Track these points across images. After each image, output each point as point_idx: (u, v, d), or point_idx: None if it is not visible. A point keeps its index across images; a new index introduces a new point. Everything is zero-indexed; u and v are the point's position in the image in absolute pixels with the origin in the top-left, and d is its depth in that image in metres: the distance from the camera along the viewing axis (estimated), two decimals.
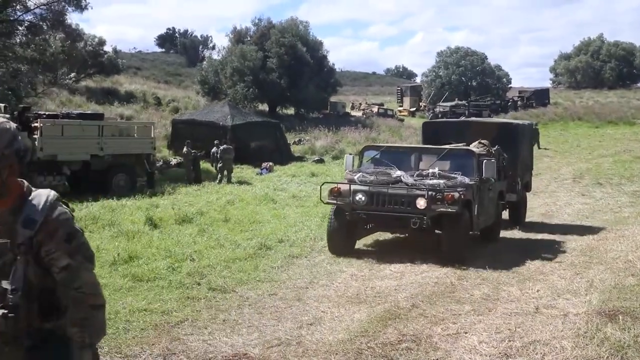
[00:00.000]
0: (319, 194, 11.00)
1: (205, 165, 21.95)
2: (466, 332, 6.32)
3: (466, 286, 8.24)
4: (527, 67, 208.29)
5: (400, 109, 54.54)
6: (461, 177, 9.81)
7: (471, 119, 28.74)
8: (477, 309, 7.16)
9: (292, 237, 11.20)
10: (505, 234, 12.38)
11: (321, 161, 26.77)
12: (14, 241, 2.28)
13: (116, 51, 42.11)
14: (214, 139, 21.62)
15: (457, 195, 9.35)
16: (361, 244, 10.95)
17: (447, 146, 11.05)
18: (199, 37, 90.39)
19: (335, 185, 10.25)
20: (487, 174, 10.24)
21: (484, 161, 10.27)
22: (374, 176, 10.01)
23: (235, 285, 8.07)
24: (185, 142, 20.84)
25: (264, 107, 41.85)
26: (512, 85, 67.42)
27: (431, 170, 10.01)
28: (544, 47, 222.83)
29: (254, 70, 38.37)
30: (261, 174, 22.84)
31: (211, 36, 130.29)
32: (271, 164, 24.05)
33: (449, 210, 9.32)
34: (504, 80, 64.94)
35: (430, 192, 9.39)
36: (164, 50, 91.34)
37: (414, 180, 9.78)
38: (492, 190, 11.01)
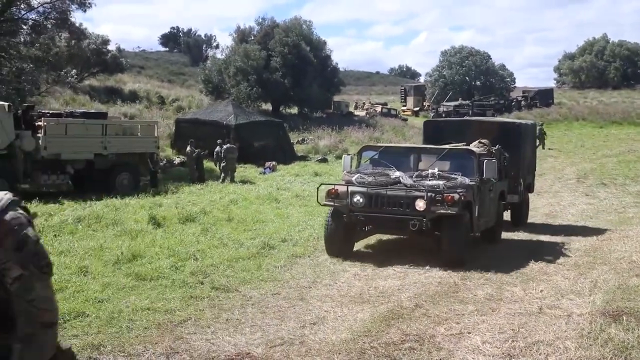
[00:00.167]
0: (316, 195, 10.84)
1: (208, 164, 21.96)
2: (469, 332, 6.31)
3: (469, 286, 8.23)
4: (531, 67, 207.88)
5: (403, 108, 54.47)
6: (461, 178, 9.64)
7: (473, 118, 28.64)
8: (481, 309, 7.15)
9: (295, 237, 11.20)
10: (508, 234, 12.35)
11: (324, 161, 26.76)
12: None
13: (120, 50, 42.17)
14: (217, 138, 21.58)
15: (457, 196, 9.19)
16: (364, 244, 10.94)
17: (447, 146, 10.87)
18: (202, 36, 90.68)
19: (332, 186, 10.06)
20: (488, 175, 10.06)
21: (485, 161, 10.09)
22: (372, 177, 9.84)
23: (238, 284, 8.08)
24: (188, 141, 20.86)
25: (268, 106, 41.83)
26: (516, 85, 67.33)
27: (431, 170, 9.85)
28: (548, 48, 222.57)
29: (258, 69, 38.35)
30: (264, 173, 22.84)
31: (215, 35, 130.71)
32: (274, 163, 24.06)
33: (449, 212, 9.16)
34: (508, 80, 64.84)
35: (429, 194, 9.23)
36: (167, 49, 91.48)
37: (413, 181, 9.62)
38: (493, 190, 10.85)
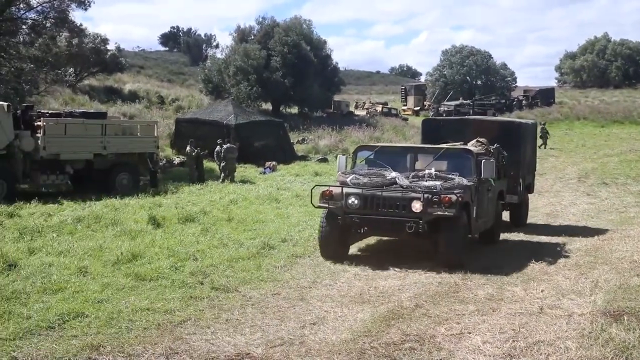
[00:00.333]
0: (310, 197, 10.62)
1: (208, 164, 21.94)
2: (470, 332, 6.30)
3: (470, 286, 8.21)
4: (532, 66, 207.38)
5: (404, 108, 54.49)
6: (459, 178, 9.43)
7: (472, 117, 28.57)
8: (481, 309, 7.13)
9: (295, 237, 11.17)
10: (509, 234, 12.33)
11: (325, 160, 26.72)
12: None
13: (119, 49, 42.13)
14: (217, 138, 21.53)
15: (454, 197, 8.98)
16: (364, 244, 10.92)
17: (444, 145, 10.69)
18: (202, 36, 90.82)
19: (327, 188, 9.81)
20: (486, 174, 9.88)
21: (483, 161, 9.90)
22: (367, 178, 9.61)
23: (238, 284, 8.06)
24: (188, 141, 20.84)
25: (268, 106, 41.81)
26: (517, 84, 67.26)
27: (427, 170, 9.64)
28: (549, 47, 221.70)
29: (258, 69, 38.32)
30: (264, 173, 22.82)
31: (215, 35, 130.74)
32: (274, 163, 24.03)
33: (446, 213, 8.96)
34: (509, 79, 64.78)
35: (426, 195, 9.02)
36: (167, 49, 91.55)
37: (410, 182, 9.43)
38: (492, 190, 10.67)
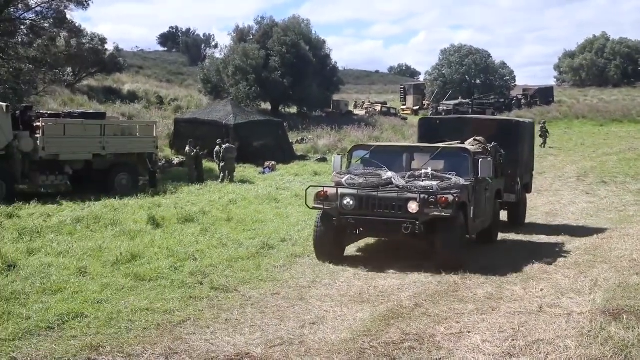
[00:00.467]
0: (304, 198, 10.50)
1: (208, 164, 21.94)
2: (469, 331, 6.30)
3: (469, 285, 8.21)
4: (531, 65, 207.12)
5: (403, 107, 54.46)
6: (456, 178, 9.28)
7: (469, 115, 28.57)
8: (481, 308, 7.13)
9: (294, 237, 11.18)
10: (508, 233, 12.33)
11: (324, 160, 26.71)
12: None
13: (118, 49, 42.09)
14: (216, 138, 21.53)
15: (451, 198, 8.82)
16: (363, 243, 10.92)
17: (441, 144, 10.57)
18: (201, 35, 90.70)
19: (321, 188, 9.63)
20: (483, 174, 9.69)
21: (480, 160, 9.73)
22: (362, 178, 9.44)
23: (237, 284, 8.06)
24: (187, 141, 20.84)
25: (267, 106, 41.82)
26: (516, 83, 67.24)
27: (424, 170, 9.49)
28: (548, 46, 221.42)
29: (257, 69, 38.32)
30: (264, 173, 22.82)
31: (213, 35, 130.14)
32: (274, 163, 24.03)
33: (443, 214, 8.79)
34: (508, 78, 64.78)
35: (422, 195, 8.87)
36: (166, 49, 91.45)
37: (406, 182, 9.27)
38: (489, 190, 10.55)
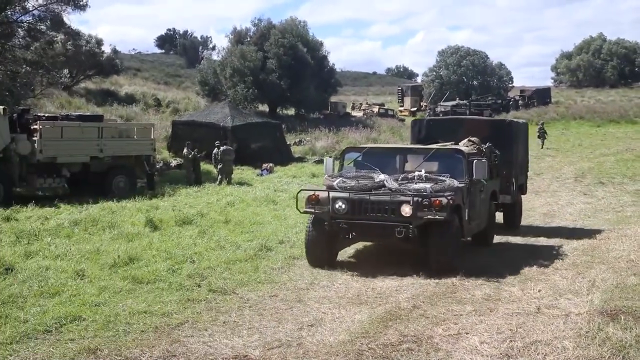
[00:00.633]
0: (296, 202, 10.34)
1: (205, 166, 21.92)
2: (467, 333, 6.30)
3: (467, 286, 8.22)
4: (529, 66, 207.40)
5: (401, 109, 54.45)
6: (450, 180, 9.10)
7: (463, 116, 28.71)
8: (479, 310, 7.14)
9: (292, 239, 11.17)
10: (506, 234, 12.33)
11: (322, 162, 26.69)
12: None
13: (115, 51, 42.00)
14: (214, 140, 21.53)
15: (445, 200, 8.65)
16: (360, 245, 10.91)
17: (435, 145, 10.41)
18: (198, 37, 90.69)
19: (312, 192, 9.42)
20: (478, 175, 9.51)
21: (474, 161, 9.56)
22: (355, 181, 9.24)
23: (235, 286, 8.06)
24: (185, 144, 20.83)
25: (264, 107, 41.82)
26: (514, 84, 67.37)
27: (417, 172, 9.32)
28: (546, 47, 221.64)
29: (254, 70, 38.33)
30: (261, 175, 22.82)
31: (211, 37, 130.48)
32: (271, 165, 24.03)
33: (437, 217, 8.62)
34: (505, 79, 64.89)
35: (415, 198, 8.68)
36: (163, 51, 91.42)
37: (399, 184, 9.09)
38: (484, 191, 10.36)
